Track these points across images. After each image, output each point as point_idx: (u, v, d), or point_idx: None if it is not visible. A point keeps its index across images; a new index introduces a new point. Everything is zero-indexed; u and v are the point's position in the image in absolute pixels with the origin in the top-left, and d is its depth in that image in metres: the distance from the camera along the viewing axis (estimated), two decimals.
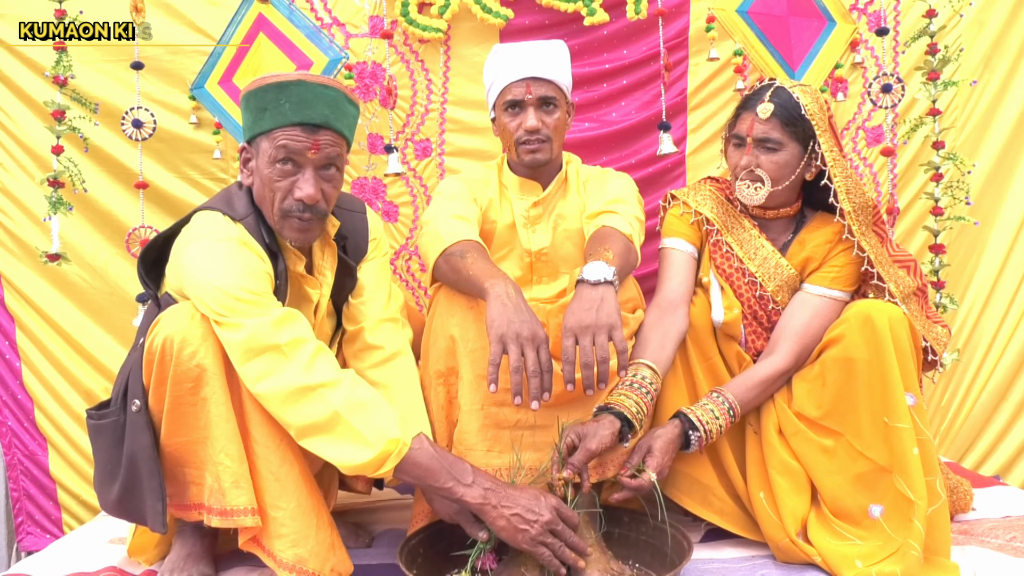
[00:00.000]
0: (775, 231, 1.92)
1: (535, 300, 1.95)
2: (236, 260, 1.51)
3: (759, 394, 1.76)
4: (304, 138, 1.53)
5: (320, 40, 2.45)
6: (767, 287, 1.86)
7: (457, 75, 2.55)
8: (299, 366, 1.42)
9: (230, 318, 1.45)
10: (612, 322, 1.50)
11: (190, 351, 1.47)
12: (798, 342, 1.77)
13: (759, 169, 1.80)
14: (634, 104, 2.56)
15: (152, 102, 2.50)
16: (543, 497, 1.48)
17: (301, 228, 1.58)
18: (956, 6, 2.49)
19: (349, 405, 1.42)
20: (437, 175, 2.57)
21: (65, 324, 2.58)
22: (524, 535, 1.43)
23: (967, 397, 2.61)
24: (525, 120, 1.92)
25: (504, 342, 1.48)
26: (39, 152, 2.53)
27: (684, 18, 2.52)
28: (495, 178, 2.08)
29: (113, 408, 1.58)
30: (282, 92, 1.52)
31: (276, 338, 1.43)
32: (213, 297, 1.46)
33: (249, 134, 1.58)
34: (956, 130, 2.52)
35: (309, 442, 1.44)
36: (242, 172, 1.63)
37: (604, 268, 1.58)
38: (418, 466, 1.45)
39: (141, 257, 1.67)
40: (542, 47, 1.97)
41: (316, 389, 1.42)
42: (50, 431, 2.60)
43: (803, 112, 1.76)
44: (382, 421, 1.43)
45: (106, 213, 2.54)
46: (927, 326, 1.81)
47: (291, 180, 1.55)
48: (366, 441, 1.40)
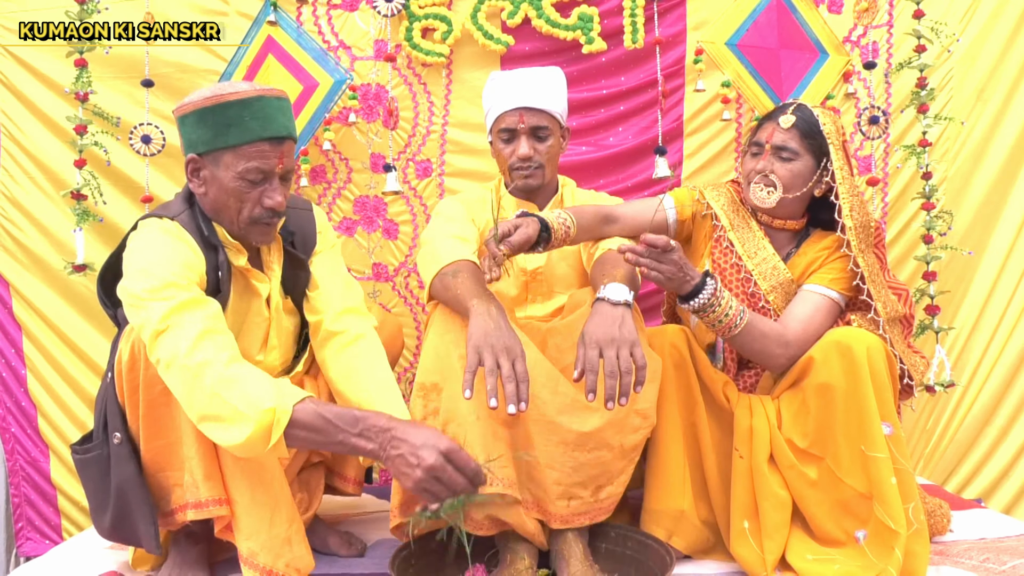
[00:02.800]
0: (779, 242, 1.96)
1: (530, 318, 2.02)
2: (160, 249, 1.57)
3: (760, 336, 1.76)
4: (271, 153, 1.60)
5: (326, 62, 2.51)
6: (761, 285, 1.90)
7: (458, 98, 2.62)
8: (182, 348, 1.42)
9: (142, 299, 1.47)
10: (634, 338, 1.56)
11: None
12: (803, 325, 1.81)
13: (773, 175, 1.87)
14: (631, 129, 2.62)
15: (160, 118, 2.56)
16: (437, 438, 1.41)
17: (267, 231, 1.67)
18: (944, 43, 2.56)
19: (222, 382, 1.40)
20: (437, 195, 2.63)
21: (71, 333, 2.64)
22: (407, 478, 1.38)
23: (952, 420, 2.66)
24: (518, 148, 1.99)
25: (479, 352, 1.52)
26: (49, 165, 2.61)
27: (681, 47, 2.58)
28: (493, 199, 2.14)
29: (96, 442, 1.64)
30: (245, 108, 1.56)
31: (168, 321, 1.44)
32: (134, 281, 1.51)
33: (206, 147, 1.59)
34: (948, 160, 2.58)
35: (205, 428, 1.43)
36: (191, 181, 1.65)
37: (624, 291, 1.64)
38: (306, 427, 1.40)
39: (100, 278, 1.73)
40: (537, 76, 2.03)
41: (194, 369, 1.41)
42: (52, 438, 2.66)
43: (821, 128, 1.86)
44: (256, 393, 1.39)
45: (113, 226, 2.60)
46: (906, 353, 1.85)
47: (259, 190, 1.61)
48: (243, 416, 1.37)
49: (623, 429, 1.70)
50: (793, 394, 1.78)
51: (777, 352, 1.79)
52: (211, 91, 1.59)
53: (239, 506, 1.57)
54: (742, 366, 1.98)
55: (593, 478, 1.69)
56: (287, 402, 1.40)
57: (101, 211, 2.58)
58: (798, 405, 1.75)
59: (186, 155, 1.64)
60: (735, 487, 1.77)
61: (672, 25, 2.58)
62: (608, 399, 1.52)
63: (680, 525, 1.79)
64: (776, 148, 1.88)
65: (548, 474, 1.68)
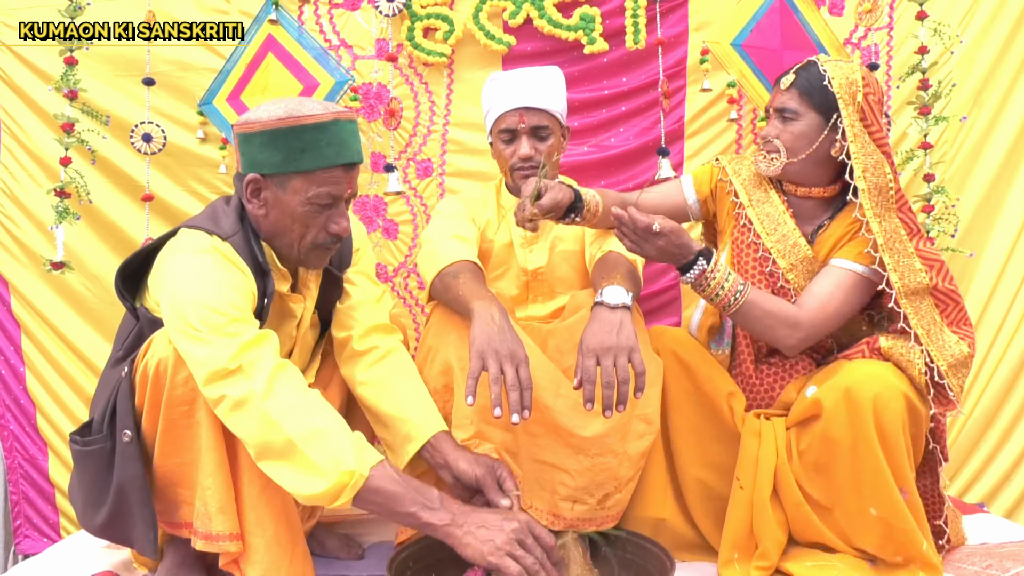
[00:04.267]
0: (806, 213, 1.85)
1: (530, 319, 2.03)
2: (218, 276, 1.50)
3: (763, 315, 1.68)
4: (344, 179, 1.55)
5: (327, 62, 2.51)
6: (779, 264, 1.80)
7: (460, 98, 2.61)
8: (258, 390, 1.37)
9: (202, 333, 1.41)
10: (632, 344, 1.54)
11: (184, 375, 1.46)
12: (819, 304, 1.70)
13: (776, 140, 1.79)
14: (632, 130, 2.62)
15: (161, 116, 2.55)
16: (514, 515, 1.44)
17: (325, 256, 1.64)
18: (947, 43, 2.55)
19: (304, 434, 1.36)
20: (437, 194, 2.62)
21: (68, 332, 2.63)
22: (490, 545, 1.36)
23: (953, 424, 2.65)
24: (519, 148, 1.98)
25: (483, 357, 1.52)
26: (48, 162, 2.59)
27: (682, 48, 2.58)
28: (493, 199, 2.14)
29: (99, 435, 1.57)
30: (322, 133, 1.51)
31: (240, 360, 1.39)
32: (191, 310, 1.43)
33: (274, 169, 1.52)
34: (946, 163, 2.58)
35: (265, 466, 1.40)
36: (251, 202, 1.58)
37: (622, 293, 1.62)
38: (379, 493, 1.38)
39: (121, 269, 1.65)
40: (536, 75, 2.02)
41: (272, 415, 1.36)
42: (51, 436, 2.65)
43: (825, 82, 1.74)
44: (337, 450, 1.36)
45: (111, 224, 2.59)
46: (939, 339, 1.66)
47: (326, 215, 1.57)
48: (320, 471, 1.34)
49: (627, 435, 1.70)
50: (804, 431, 1.67)
51: (784, 333, 1.70)
52: (284, 110, 1.51)
53: (257, 541, 1.50)
54: (760, 359, 1.87)
55: (599, 484, 1.69)
56: (365, 465, 1.37)
57: (98, 209, 2.58)
58: (806, 444, 1.65)
59: (245, 173, 1.56)
60: (730, 517, 1.72)
61: (674, 26, 2.57)
62: (606, 408, 1.51)
63: (660, 532, 1.78)
64: (777, 111, 1.80)
65: (555, 475, 1.68)
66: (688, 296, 2.63)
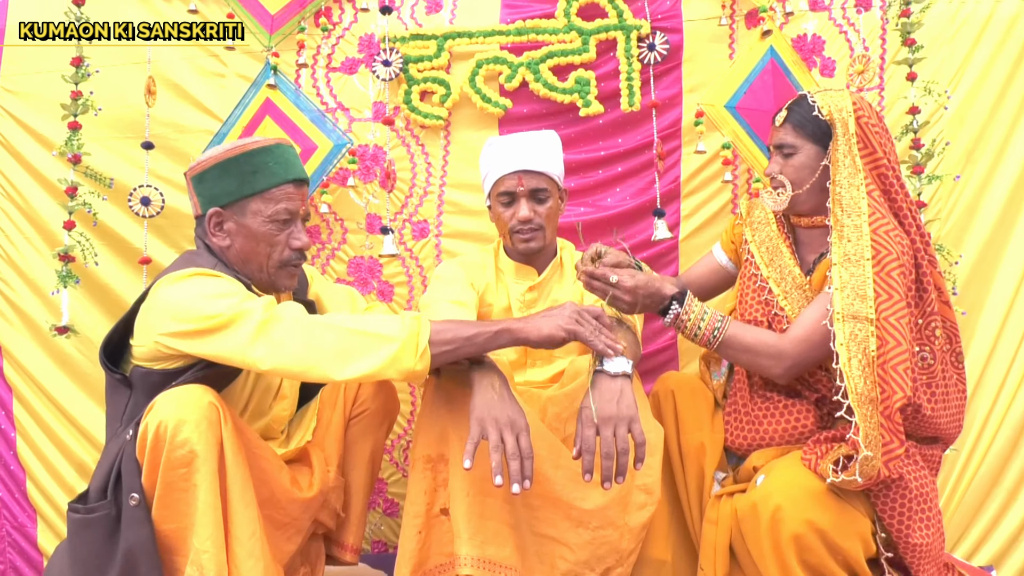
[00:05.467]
0: (813, 242, 1.89)
1: (529, 383, 2.02)
2: (214, 280, 1.60)
3: (744, 349, 1.74)
4: (296, 194, 1.71)
5: (324, 124, 2.52)
6: (774, 291, 1.84)
7: (456, 159, 2.62)
8: (300, 315, 1.54)
9: (223, 315, 1.51)
10: (632, 414, 1.54)
11: (183, 437, 1.47)
12: (804, 332, 1.70)
13: (780, 175, 1.84)
14: (629, 190, 2.62)
15: (156, 178, 2.56)
16: (559, 305, 1.62)
17: (293, 274, 1.76)
18: (938, 101, 2.58)
19: (355, 320, 1.52)
20: (434, 256, 2.61)
21: (61, 397, 2.59)
22: (559, 319, 1.55)
23: (959, 484, 2.60)
24: (518, 211, 1.99)
25: (483, 425, 1.51)
26: (45, 225, 2.59)
27: (677, 110, 2.60)
28: (492, 262, 2.14)
29: (103, 501, 1.56)
30: (268, 155, 1.68)
31: (271, 310, 1.53)
32: (201, 305, 1.53)
33: (231, 198, 1.68)
34: (941, 221, 2.58)
35: (349, 369, 1.49)
36: (215, 236, 1.70)
37: (623, 362, 1.61)
38: (447, 330, 1.53)
39: (105, 342, 1.70)
40: (534, 139, 2.04)
41: (321, 322, 1.52)
42: (41, 503, 2.59)
43: (815, 113, 1.79)
44: (386, 318, 1.54)
45: (105, 287, 2.58)
46: (867, 375, 1.56)
47: (287, 232, 1.71)
48: (386, 337, 1.48)
49: (627, 507, 1.66)
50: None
51: (767, 364, 1.73)
52: (228, 145, 1.70)
53: None
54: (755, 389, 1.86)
55: (600, 558, 1.65)
56: (423, 316, 1.54)
57: (93, 272, 2.57)
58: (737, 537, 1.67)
59: (205, 212, 1.69)
60: None
61: (668, 88, 2.60)
62: (605, 479, 1.49)
63: (661, 574, 1.76)
64: (776, 148, 1.86)
65: (554, 549, 1.64)
66: (687, 355, 2.61)
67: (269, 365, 1.51)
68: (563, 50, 2.57)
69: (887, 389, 1.54)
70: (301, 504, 1.77)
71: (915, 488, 1.60)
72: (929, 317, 1.76)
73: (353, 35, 2.63)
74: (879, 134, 1.78)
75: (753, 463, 1.76)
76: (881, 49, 2.59)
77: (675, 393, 1.94)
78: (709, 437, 1.87)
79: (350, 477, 1.96)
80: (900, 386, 1.54)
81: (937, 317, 1.77)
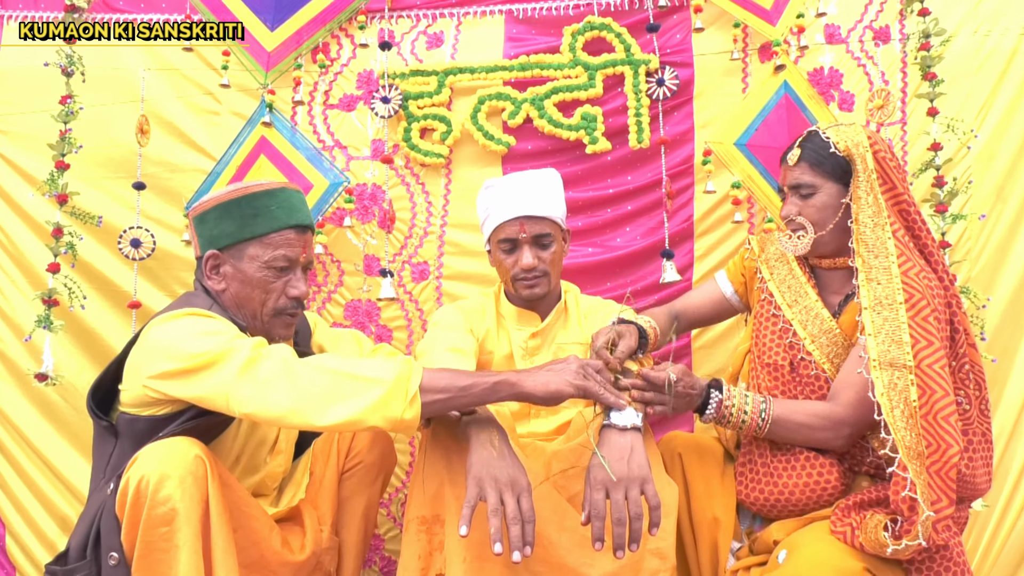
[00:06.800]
0: (834, 284, 1.78)
1: (532, 435, 1.91)
2: (206, 319, 1.53)
3: (797, 427, 1.61)
4: (297, 241, 1.65)
5: (320, 163, 2.44)
6: (800, 334, 1.73)
7: (458, 198, 2.53)
8: (288, 356, 1.44)
9: (210, 352, 1.43)
10: (644, 475, 1.42)
11: (165, 493, 1.39)
12: (856, 393, 1.58)
13: (800, 217, 1.74)
14: (639, 230, 2.52)
15: (147, 219, 2.48)
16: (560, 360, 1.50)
17: (289, 324, 1.69)
18: (962, 139, 2.46)
19: (343, 363, 1.43)
20: (434, 299, 2.51)
21: (44, 447, 2.49)
22: (567, 374, 1.44)
23: (992, 543, 2.44)
24: (521, 258, 1.90)
25: (481, 485, 1.40)
26: (31, 268, 2.50)
27: (689, 145, 2.50)
28: (492, 308, 2.05)
29: (81, 561, 1.48)
30: (272, 198, 1.63)
31: (260, 349, 1.45)
32: (190, 344, 1.45)
33: (229, 240, 1.62)
34: (970, 262, 2.45)
35: (331, 414, 1.39)
36: (210, 279, 1.65)
37: (632, 414, 1.51)
38: (441, 377, 1.42)
39: (93, 389, 1.63)
40: (534, 181, 1.95)
41: (308, 364, 1.43)
42: (20, 559, 2.48)
43: (832, 149, 1.69)
44: (376, 361, 1.44)
45: (91, 332, 2.48)
46: (912, 425, 1.43)
47: (284, 280, 1.65)
48: (375, 380, 1.38)
49: (639, 573, 1.52)
50: None
51: (827, 437, 1.61)
52: (234, 186, 1.65)
53: None
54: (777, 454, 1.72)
55: None
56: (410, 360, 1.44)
57: (79, 316, 2.47)
58: None
59: (203, 253, 1.64)
60: None
61: (680, 123, 2.51)
62: (617, 548, 1.37)
63: None
64: (792, 188, 1.76)
65: None
66: None
67: (252, 408, 1.41)
68: (568, 86, 2.50)
69: (935, 442, 1.43)
70: (292, 567, 1.67)
71: (956, 556, 1.45)
72: (961, 360, 1.66)
73: (351, 71, 2.57)
74: (896, 169, 1.69)
75: (773, 536, 1.61)
76: (902, 83, 2.49)
77: (682, 457, 1.81)
78: (722, 506, 1.73)
79: (343, 534, 1.87)
80: (953, 439, 1.42)
81: (967, 359, 1.67)
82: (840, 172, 1.70)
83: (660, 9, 2.52)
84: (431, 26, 2.58)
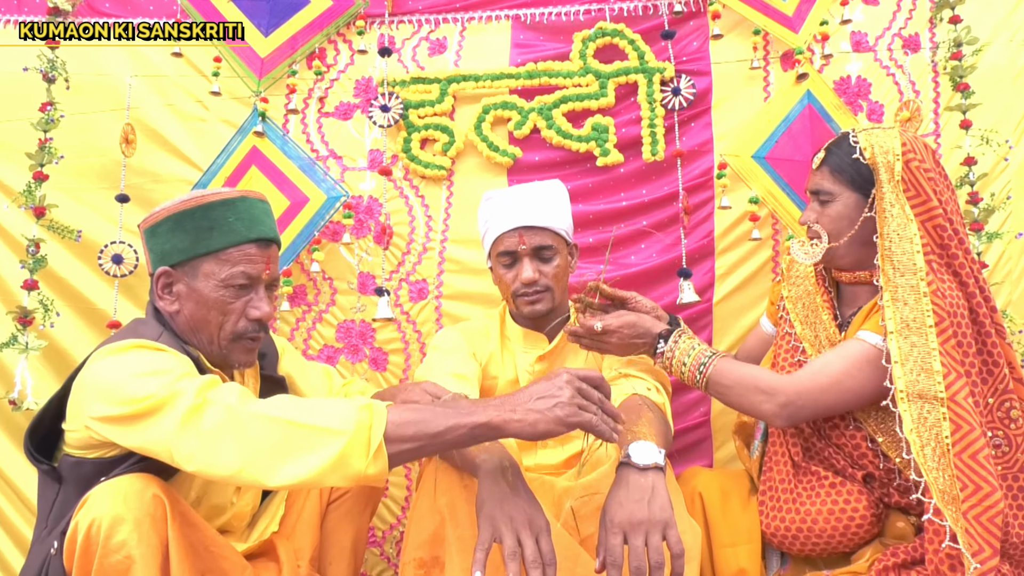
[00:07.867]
0: (855, 300, 1.69)
1: (540, 467, 1.80)
2: (153, 354, 1.38)
3: (733, 384, 1.56)
4: (259, 257, 1.50)
5: (315, 174, 2.32)
6: (808, 352, 1.66)
7: (460, 212, 2.39)
8: (235, 403, 1.27)
9: (155, 396, 1.27)
10: (666, 518, 1.30)
11: (120, 539, 1.25)
12: (811, 371, 1.53)
13: (817, 224, 1.65)
14: (655, 246, 2.36)
15: (128, 233, 2.34)
16: (552, 374, 1.29)
17: (251, 348, 1.54)
18: (999, 152, 2.31)
19: (296, 410, 1.25)
20: (434, 320, 2.36)
21: (12, 473, 2.32)
22: (560, 409, 1.22)
23: None
24: (521, 271, 1.81)
25: (495, 525, 1.28)
26: (4, 283, 2.34)
27: (708, 157, 2.36)
28: (496, 329, 1.94)
29: None
30: (229, 209, 1.47)
31: (205, 393, 1.28)
32: (133, 385, 1.29)
33: (182, 256, 1.47)
34: (1011, 283, 2.29)
35: (283, 473, 1.22)
36: (162, 299, 1.50)
37: (653, 451, 1.38)
38: (409, 423, 1.23)
39: (31, 430, 1.47)
40: (536, 191, 1.86)
41: (256, 413, 1.25)
42: None
43: (856, 155, 1.58)
44: (339, 407, 1.25)
45: (64, 353, 2.33)
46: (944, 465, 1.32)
47: (244, 300, 1.49)
48: (333, 431, 1.21)
49: None
50: None
51: (757, 399, 1.54)
52: (187, 195, 1.49)
53: None
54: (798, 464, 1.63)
55: None
56: (376, 404, 1.26)
57: (49, 335, 2.31)
58: None
59: (155, 270, 1.50)
60: None
61: (697, 135, 2.37)
62: None
63: None
64: (813, 193, 1.67)
65: None
66: (721, 432, 2.32)
67: (197, 465, 1.26)
68: (578, 94, 2.38)
69: (971, 484, 1.31)
70: None
71: None
72: (1002, 396, 1.51)
73: (349, 78, 2.44)
74: (934, 180, 1.56)
75: None
76: (934, 92, 2.35)
77: (703, 496, 1.72)
78: (747, 553, 1.62)
79: (328, 572, 1.73)
80: (990, 483, 1.31)
81: (1013, 396, 1.52)
82: (861, 181, 1.61)
83: (676, 15, 2.39)
84: (433, 32, 2.46)
